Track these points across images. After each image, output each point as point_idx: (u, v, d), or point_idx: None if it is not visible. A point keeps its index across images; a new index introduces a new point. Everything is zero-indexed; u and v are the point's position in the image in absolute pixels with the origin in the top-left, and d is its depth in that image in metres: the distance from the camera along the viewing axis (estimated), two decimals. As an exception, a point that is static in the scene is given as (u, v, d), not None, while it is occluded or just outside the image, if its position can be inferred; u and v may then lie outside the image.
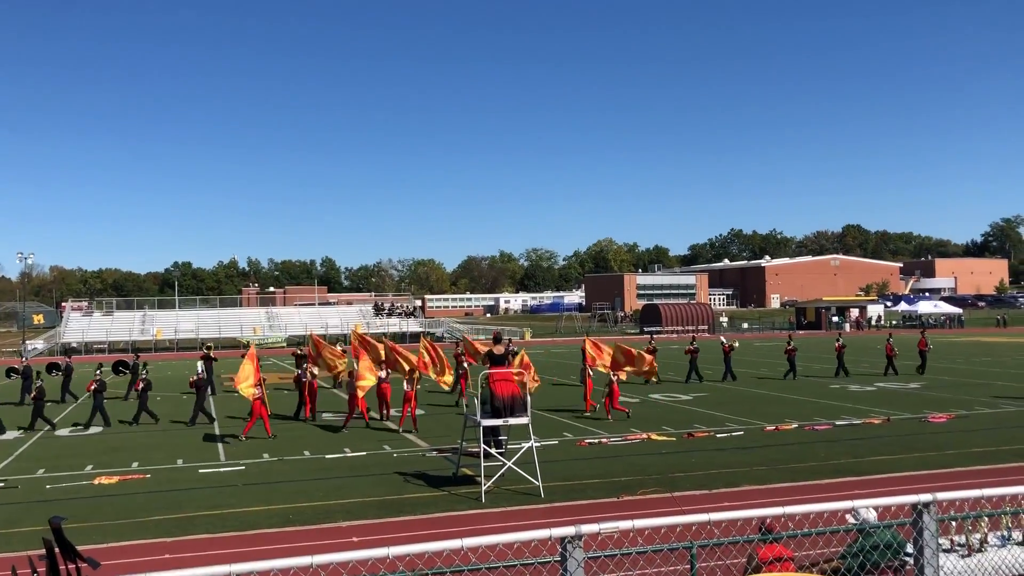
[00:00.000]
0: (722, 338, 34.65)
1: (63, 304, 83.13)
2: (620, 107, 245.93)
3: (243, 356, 23.36)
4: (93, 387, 23.30)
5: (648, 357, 25.72)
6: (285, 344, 63.86)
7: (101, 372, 24.38)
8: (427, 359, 23.86)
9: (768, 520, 6.91)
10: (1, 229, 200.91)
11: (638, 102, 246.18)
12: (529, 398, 15.29)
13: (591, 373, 25.65)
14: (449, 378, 24.78)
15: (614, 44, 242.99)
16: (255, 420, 20.67)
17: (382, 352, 23.99)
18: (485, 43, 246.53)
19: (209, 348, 32.55)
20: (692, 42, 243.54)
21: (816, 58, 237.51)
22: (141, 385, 24.26)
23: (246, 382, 20.55)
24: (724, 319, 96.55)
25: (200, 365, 25.20)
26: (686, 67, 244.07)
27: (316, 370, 24.41)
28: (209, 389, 27.78)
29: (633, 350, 26.13)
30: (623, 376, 25.44)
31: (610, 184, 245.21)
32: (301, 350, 31.71)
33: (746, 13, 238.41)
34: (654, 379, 27.92)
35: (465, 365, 26.83)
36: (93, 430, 22.67)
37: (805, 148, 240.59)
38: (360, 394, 21.62)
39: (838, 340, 34.81)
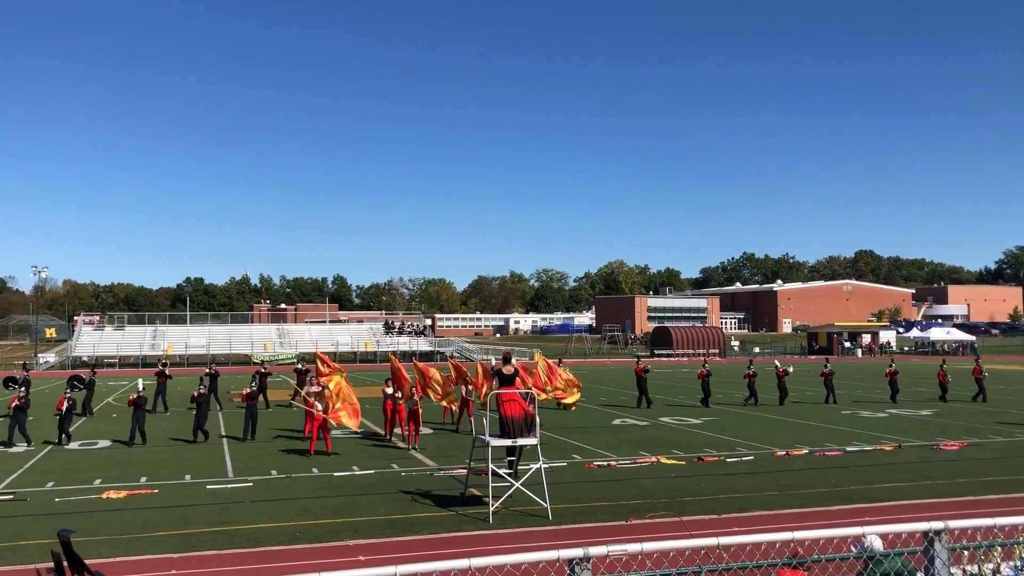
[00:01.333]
0: (776, 362, 34.39)
1: (75, 318, 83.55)
2: (632, 129, 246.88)
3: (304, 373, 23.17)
4: (64, 405, 22.91)
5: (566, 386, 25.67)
6: (295, 361, 63.99)
7: (70, 393, 24.24)
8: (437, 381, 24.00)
9: (792, 545, 6.86)
10: (16, 243, 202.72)
11: (650, 124, 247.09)
12: (538, 419, 15.27)
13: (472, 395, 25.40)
14: (452, 398, 24.86)
15: (627, 66, 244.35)
16: (317, 434, 20.66)
17: (405, 374, 23.91)
18: (500, 64, 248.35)
19: (165, 364, 32.59)
20: (706, 64, 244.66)
21: (831, 82, 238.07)
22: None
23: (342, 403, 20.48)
24: (735, 343, 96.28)
25: (203, 380, 25.36)
26: (700, 89, 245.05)
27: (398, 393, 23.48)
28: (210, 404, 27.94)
29: (575, 380, 26.24)
30: (543, 396, 25.90)
31: (621, 206, 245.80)
32: (304, 367, 31.92)
33: (763, 36, 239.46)
34: (568, 405, 27.91)
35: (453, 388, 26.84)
36: (73, 446, 22.72)
37: (818, 173, 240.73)
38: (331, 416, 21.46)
39: (891, 366, 34.46)
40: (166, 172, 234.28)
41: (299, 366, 34.25)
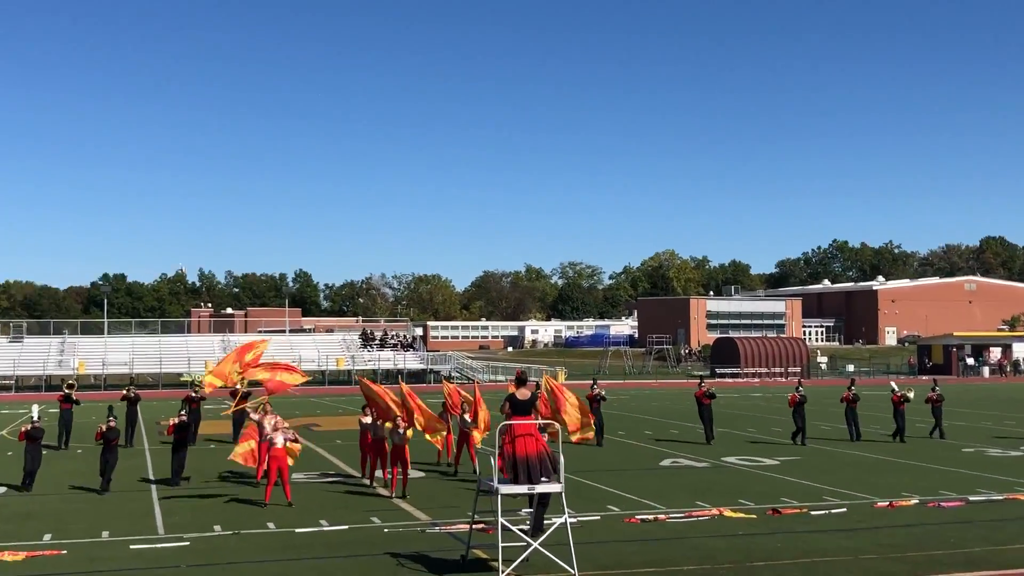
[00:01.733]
0: (893, 384, 34.15)
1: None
2: (683, 82, 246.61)
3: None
4: None
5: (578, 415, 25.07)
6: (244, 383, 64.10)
7: None
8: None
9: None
10: None
11: (707, 80, 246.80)
12: (562, 460, 15.23)
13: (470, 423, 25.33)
14: (441, 434, 24.76)
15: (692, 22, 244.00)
16: (275, 476, 20.82)
17: (389, 400, 23.86)
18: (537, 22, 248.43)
19: (72, 387, 32.70)
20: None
21: (951, 33, 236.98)
22: None
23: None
24: (822, 359, 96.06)
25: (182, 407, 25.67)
26: (782, 40, 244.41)
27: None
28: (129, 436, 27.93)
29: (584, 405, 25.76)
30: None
31: (672, 179, 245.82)
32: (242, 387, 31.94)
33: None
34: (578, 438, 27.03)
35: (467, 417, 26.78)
36: (-5, 491, 22.87)
37: (932, 141, 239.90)
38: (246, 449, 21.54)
39: None
40: (75, 140, 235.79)
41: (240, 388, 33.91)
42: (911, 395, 33.07)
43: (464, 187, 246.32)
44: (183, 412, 24.94)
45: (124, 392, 33.04)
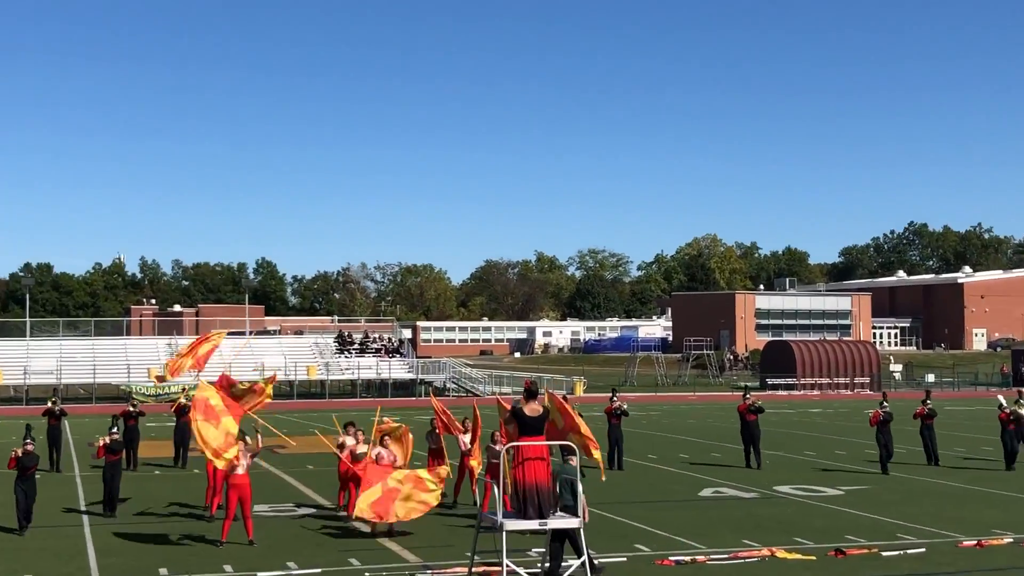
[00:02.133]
0: (1001, 398, 33.92)
1: None
2: (724, 41, 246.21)
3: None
4: None
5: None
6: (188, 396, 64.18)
7: None
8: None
9: None
10: None
11: (756, 36, 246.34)
12: (581, 488, 15.25)
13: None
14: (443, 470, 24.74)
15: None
16: (235, 509, 20.82)
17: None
18: None
19: (54, 401, 32.88)
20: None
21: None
22: None
23: None
24: (896, 367, 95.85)
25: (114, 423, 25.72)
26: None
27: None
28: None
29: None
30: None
31: (714, 152, 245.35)
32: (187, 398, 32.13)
33: None
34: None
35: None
36: None
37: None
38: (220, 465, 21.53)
39: None
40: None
41: (184, 400, 33.92)
42: None
43: (462, 160, 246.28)
44: (114, 430, 24.95)
45: (47, 406, 33.08)
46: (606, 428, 31.69)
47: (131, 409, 32.28)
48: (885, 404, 31.88)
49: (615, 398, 32.48)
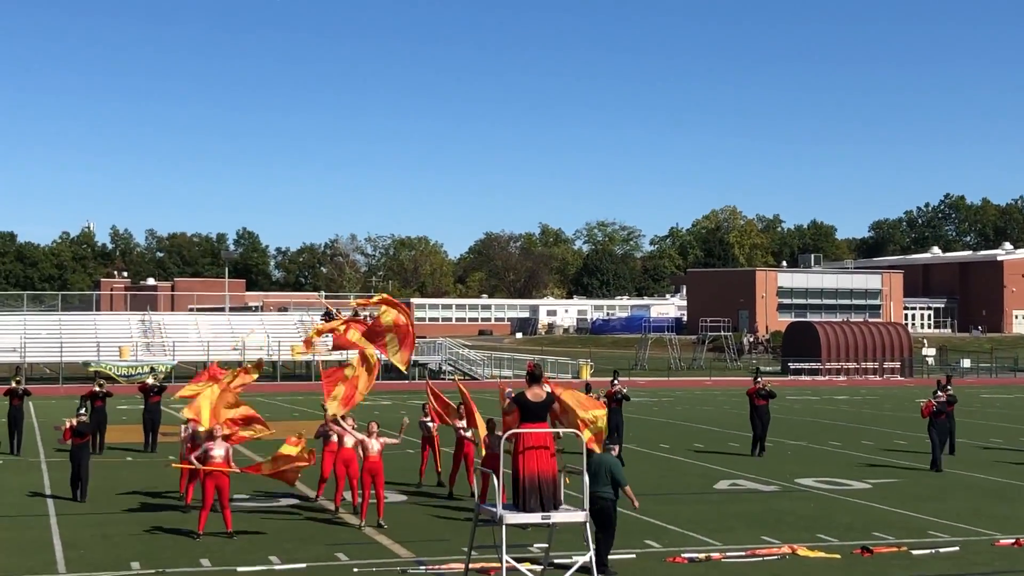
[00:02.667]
0: None
1: None
2: (751, 9, 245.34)
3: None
4: None
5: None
6: (168, 375, 64.27)
7: None
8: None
9: None
10: None
11: (788, 8, 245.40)
12: (587, 478, 15.20)
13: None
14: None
15: None
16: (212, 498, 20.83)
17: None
18: None
19: (17, 380, 32.95)
20: None
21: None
22: None
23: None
24: (929, 351, 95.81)
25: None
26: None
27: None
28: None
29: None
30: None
31: (734, 119, 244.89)
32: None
33: None
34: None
35: (431, 425, 26.71)
36: None
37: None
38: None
39: None
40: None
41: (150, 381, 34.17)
42: None
43: (461, 124, 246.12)
44: (82, 412, 25.00)
45: (10, 385, 33.11)
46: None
47: (97, 390, 32.26)
48: (939, 393, 31.13)
49: (616, 381, 32.50)
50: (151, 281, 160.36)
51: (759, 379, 33.65)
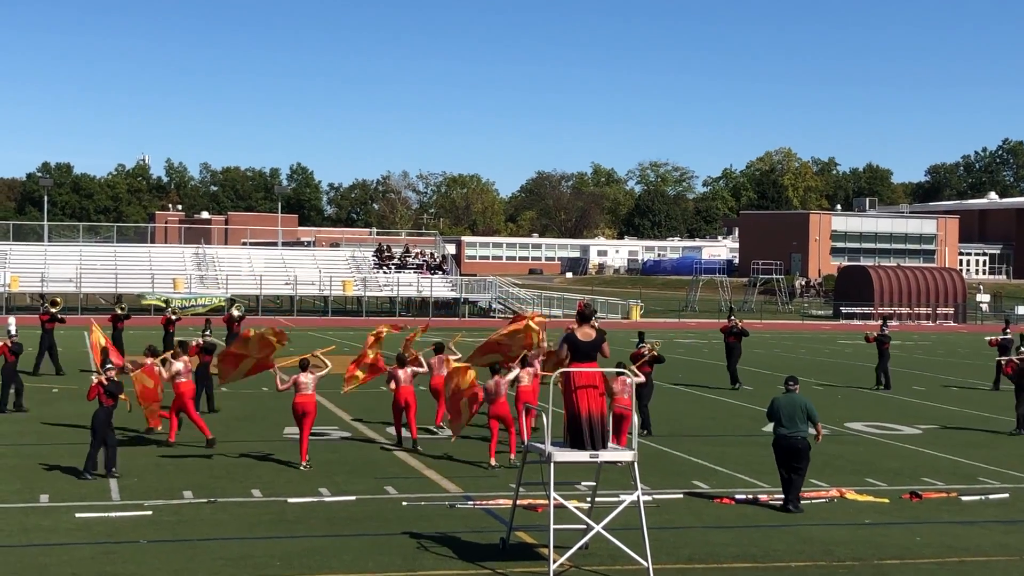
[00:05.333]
0: None
1: None
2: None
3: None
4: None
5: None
6: (225, 308, 64.63)
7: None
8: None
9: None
10: None
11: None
12: (637, 419, 15.22)
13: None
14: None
15: None
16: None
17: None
18: None
19: (122, 306, 33.62)
20: None
21: None
22: None
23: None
24: (984, 297, 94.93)
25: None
26: None
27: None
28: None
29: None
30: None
31: (788, 59, 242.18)
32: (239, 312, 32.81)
33: None
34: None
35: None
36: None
37: None
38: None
39: None
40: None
41: (235, 312, 34.76)
42: None
43: (515, 63, 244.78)
44: (208, 332, 27.06)
45: (114, 312, 33.76)
46: None
47: (119, 312, 32.94)
48: (1009, 331, 31.87)
49: (643, 344, 27.40)
50: (205, 215, 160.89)
51: (731, 317, 36.38)
